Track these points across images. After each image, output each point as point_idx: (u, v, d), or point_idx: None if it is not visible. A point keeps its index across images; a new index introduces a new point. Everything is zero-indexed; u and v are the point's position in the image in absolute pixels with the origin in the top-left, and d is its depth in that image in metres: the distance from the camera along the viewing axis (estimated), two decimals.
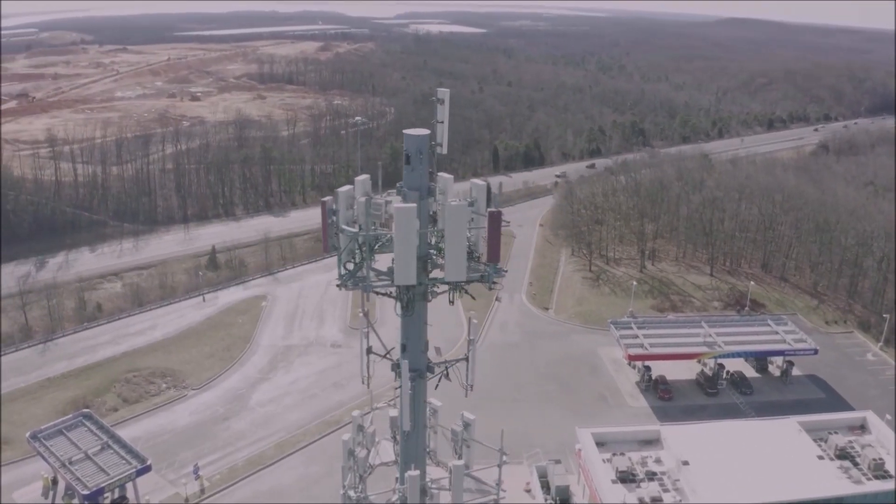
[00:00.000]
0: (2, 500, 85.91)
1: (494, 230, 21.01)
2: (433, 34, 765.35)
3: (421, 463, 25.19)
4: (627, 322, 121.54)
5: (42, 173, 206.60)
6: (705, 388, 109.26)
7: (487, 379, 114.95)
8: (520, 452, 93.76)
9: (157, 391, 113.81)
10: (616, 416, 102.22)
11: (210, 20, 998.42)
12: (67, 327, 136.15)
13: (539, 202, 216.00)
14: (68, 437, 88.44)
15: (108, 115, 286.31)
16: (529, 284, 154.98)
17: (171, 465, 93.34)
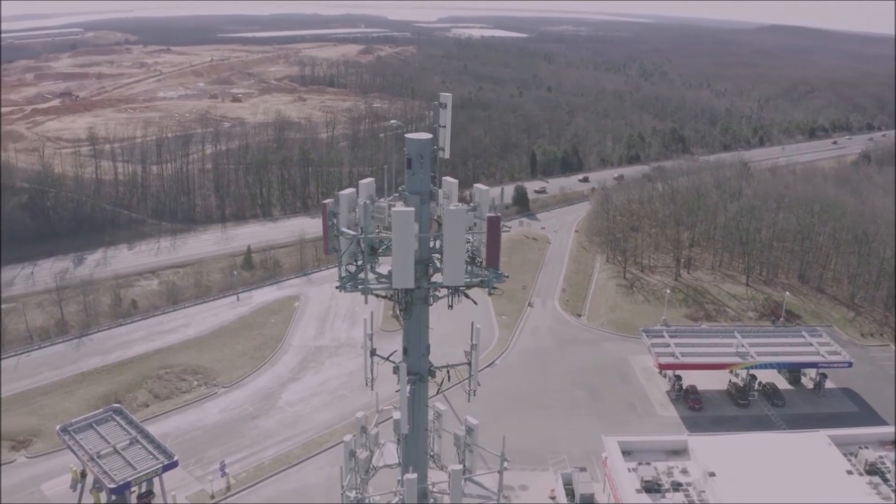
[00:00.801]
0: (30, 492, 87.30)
1: (494, 235, 20.97)
2: (475, 38, 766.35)
3: (422, 466, 25.15)
4: (659, 330, 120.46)
5: (83, 171, 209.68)
6: (736, 398, 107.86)
7: (517, 384, 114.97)
8: (546, 459, 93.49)
9: (188, 388, 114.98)
10: (645, 425, 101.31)
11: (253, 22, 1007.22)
12: (102, 323, 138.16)
13: (575, 208, 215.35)
14: (98, 430, 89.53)
15: (149, 115, 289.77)
16: (562, 290, 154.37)
17: (198, 461, 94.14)
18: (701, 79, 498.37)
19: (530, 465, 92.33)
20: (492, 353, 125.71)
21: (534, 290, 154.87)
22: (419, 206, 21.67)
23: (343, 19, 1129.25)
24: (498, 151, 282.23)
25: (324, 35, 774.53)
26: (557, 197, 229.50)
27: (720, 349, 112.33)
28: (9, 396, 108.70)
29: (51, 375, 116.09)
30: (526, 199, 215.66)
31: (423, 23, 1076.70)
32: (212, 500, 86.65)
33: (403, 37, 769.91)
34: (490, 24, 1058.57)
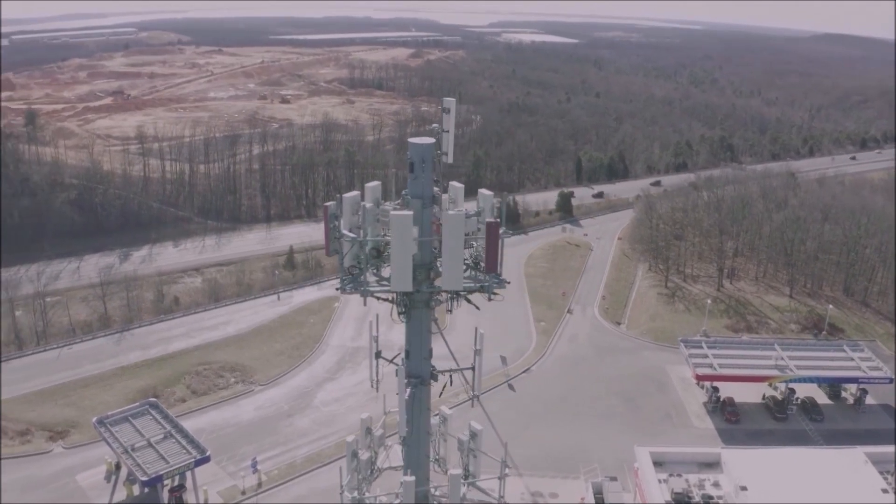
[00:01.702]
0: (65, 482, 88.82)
1: (493, 240, 20.89)
2: (525, 43, 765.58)
3: (423, 469, 25.07)
4: (698, 341, 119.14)
5: (131, 169, 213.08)
6: (774, 412, 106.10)
7: (552, 391, 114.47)
8: (577, 467, 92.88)
9: (225, 385, 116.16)
10: (680, 436, 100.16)
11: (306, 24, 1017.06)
12: (145, 319, 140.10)
13: (620, 215, 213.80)
14: (133, 424, 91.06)
15: (199, 115, 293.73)
16: (602, 298, 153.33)
17: (231, 457, 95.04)
18: (752, 87, 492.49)
19: (562, 473, 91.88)
20: (528, 359, 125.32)
21: (574, 297, 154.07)
22: (420, 210, 21.63)
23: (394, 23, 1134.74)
24: (544, 157, 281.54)
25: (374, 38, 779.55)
26: (602, 203, 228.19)
27: (759, 361, 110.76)
28: (49, 388, 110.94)
29: (91, 368, 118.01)
30: (570, 204, 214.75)
31: (473, 27, 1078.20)
32: (243, 496, 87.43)
33: (453, 41, 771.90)
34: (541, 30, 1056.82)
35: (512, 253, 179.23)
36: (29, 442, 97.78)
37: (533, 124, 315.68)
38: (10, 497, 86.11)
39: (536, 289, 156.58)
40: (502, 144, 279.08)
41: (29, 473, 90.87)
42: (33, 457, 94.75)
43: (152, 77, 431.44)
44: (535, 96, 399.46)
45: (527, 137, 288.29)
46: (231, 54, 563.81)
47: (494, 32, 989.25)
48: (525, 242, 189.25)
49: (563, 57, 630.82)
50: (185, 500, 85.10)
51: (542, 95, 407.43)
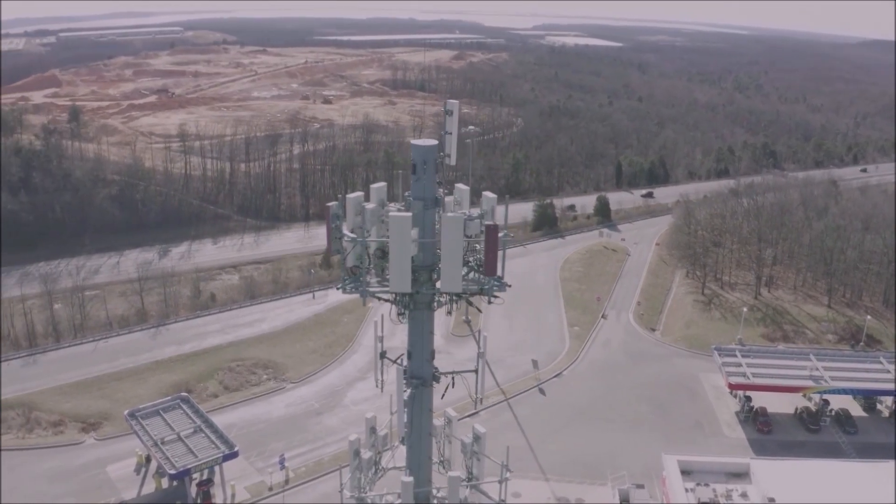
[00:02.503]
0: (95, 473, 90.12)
1: (492, 243, 20.83)
2: (568, 46, 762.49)
3: (424, 471, 25.07)
4: (732, 349, 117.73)
5: (172, 166, 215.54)
6: (807, 423, 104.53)
7: (583, 396, 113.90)
8: (605, 473, 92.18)
9: (257, 381, 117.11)
10: (710, 446, 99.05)
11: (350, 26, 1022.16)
12: (181, 314, 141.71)
13: (658, 220, 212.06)
14: (164, 417, 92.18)
15: (241, 114, 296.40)
16: (637, 304, 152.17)
17: (260, 453, 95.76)
18: (797, 93, 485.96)
19: (589, 478, 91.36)
20: (560, 364, 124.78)
21: (609, 302, 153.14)
22: (422, 212, 21.64)
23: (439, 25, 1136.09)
24: (584, 161, 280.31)
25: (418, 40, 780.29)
26: (641, 208, 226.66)
27: (793, 371, 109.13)
28: (84, 380, 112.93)
29: (126, 362, 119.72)
30: (608, 209, 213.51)
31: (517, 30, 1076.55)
32: (270, 492, 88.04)
33: (497, 43, 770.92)
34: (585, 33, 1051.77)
35: (548, 257, 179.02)
36: (62, 433, 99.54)
37: (574, 128, 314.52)
38: (40, 486, 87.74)
39: (571, 293, 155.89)
40: (542, 148, 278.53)
41: (60, 463, 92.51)
42: (65, 447, 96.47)
43: (197, 76, 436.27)
44: (576, 100, 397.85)
45: (567, 141, 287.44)
46: (275, 54, 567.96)
47: (538, 35, 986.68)
48: (562, 246, 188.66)
49: (607, 60, 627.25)
50: (213, 495, 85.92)
51: (584, 99, 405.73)
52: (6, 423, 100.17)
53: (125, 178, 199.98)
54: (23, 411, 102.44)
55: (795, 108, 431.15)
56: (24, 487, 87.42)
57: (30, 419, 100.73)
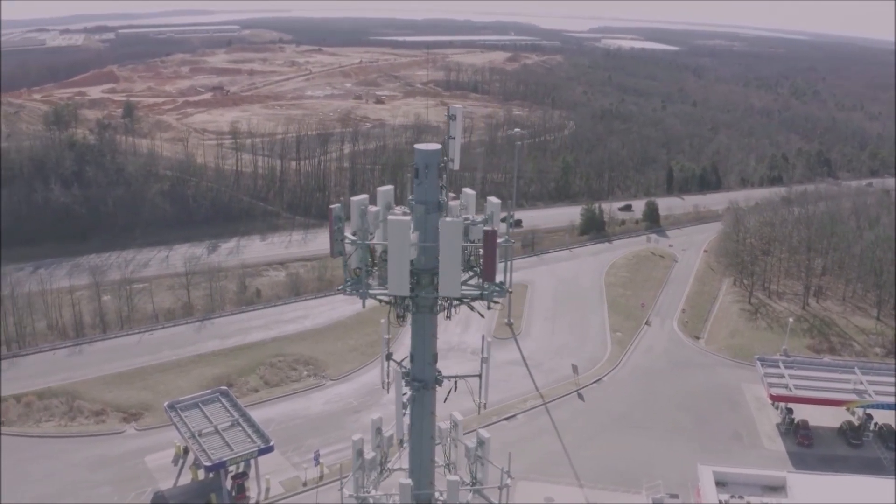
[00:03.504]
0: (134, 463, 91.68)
1: (490, 249, 20.83)
2: (624, 49, 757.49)
3: (427, 474, 25.11)
4: (775, 360, 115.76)
5: (224, 162, 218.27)
6: (849, 438, 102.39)
7: (622, 403, 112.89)
8: (640, 481, 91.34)
9: (297, 377, 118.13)
10: (749, 457, 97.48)
11: (407, 26, 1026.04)
12: (226, 309, 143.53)
13: (708, 227, 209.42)
14: (203, 410, 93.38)
15: (294, 113, 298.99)
16: (682, 311, 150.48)
17: (297, 448, 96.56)
18: (854, 100, 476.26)
19: (623, 486, 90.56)
20: (601, 370, 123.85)
21: (653, 309, 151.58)
22: (423, 216, 21.68)
23: (494, 26, 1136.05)
24: (635, 165, 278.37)
25: (473, 41, 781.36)
26: (690, 214, 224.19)
27: (837, 384, 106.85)
28: (128, 371, 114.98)
29: (170, 354, 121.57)
30: (657, 214, 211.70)
31: (573, 32, 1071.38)
32: (304, 487, 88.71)
33: (552, 45, 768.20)
34: (641, 36, 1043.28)
35: (594, 261, 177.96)
36: (103, 422, 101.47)
37: (625, 132, 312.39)
38: (80, 473, 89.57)
39: (616, 298, 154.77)
40: (593, 151, 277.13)
41: (100, 452, 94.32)
42: (106, 436, 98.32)
43: (252, 74, 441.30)
44: (629, 103, 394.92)
45: (619, 145, 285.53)
46: (330, 54, 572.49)
47: (594, 38, 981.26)
48: (608, 251, 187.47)
49: (662, 64, 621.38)
50: (247, 488, 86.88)
51: (637, 103, 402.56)
52: (49, 410, 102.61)
53: (177, 174, 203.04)
54: (66, 399, 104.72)
55: (852, 115, 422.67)
56: (64, 474, 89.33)
57: (73, 407, 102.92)
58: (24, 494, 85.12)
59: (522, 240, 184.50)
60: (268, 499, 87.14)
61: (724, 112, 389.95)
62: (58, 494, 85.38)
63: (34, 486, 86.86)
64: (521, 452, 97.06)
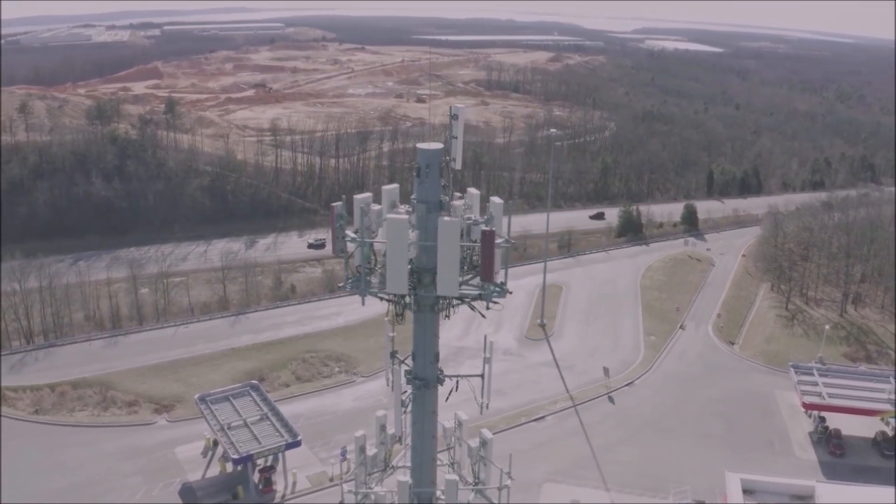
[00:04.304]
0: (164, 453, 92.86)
1: (488, 249, 20.79)
2: (667, 51, 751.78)
3: (428, 473, 25.19)
4: (809, 367, 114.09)
5: (263, 159, 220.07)
6: (882, 448, 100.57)
7: (653, 407, 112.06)
8: (668, 487, 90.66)
9: (328, 373, 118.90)
10: (779, 466, 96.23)
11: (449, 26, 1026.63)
12: (261, 304, 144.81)
13: (747, 231, 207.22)
14: (233, 403, 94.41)
15: (335, 111, 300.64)
16: (717, 316, 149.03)
17: (325, 444, 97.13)
18: None
19: (650, 491, 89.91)
20: (633, 373, 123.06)
21: (688, 313, 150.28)
22: (424, 215, 21.75)
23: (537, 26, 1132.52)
24: (675, 168, 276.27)
25: (515, 41, 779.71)
26: (729, 218, 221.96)
27: (871, 394, 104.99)
28: (162, 363, 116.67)
29: (203, 348, 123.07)
30: (695, 218, 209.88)
31: (617, 33, 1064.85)
32: (330, 482, 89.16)
33: (595, 46, 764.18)
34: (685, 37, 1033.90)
35: (630, 264, 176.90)
36: (136, 413, 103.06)
37: (666, 134, 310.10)
38: (110, 463, 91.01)
39: (651, 302, 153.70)
40: (633, 153, 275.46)
41: (132, 442, 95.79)
42: (138, 426, 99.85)
43: (294, 72, 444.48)
44: (671, 105, 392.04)
45: (659, 147, 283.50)
46: (373, 52, 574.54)
47: (638, 39, 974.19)
48: (645, 254, 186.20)
49: (706, 66, 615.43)
50: (274, 482, 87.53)
51: (679, 104, 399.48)
52: (83, 400, 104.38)
53: (217, 170, 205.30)
54: (100, 389, 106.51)
55: None
56: (94, 463, 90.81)
57: (106, 398, 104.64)
58: (55, 482, 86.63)
59: (559, 241, 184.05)
60: (294, 493, 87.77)
61: (767, 115, 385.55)
62: (87, 483, 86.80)
63: (65, 475, 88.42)
64: (548, 454, 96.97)
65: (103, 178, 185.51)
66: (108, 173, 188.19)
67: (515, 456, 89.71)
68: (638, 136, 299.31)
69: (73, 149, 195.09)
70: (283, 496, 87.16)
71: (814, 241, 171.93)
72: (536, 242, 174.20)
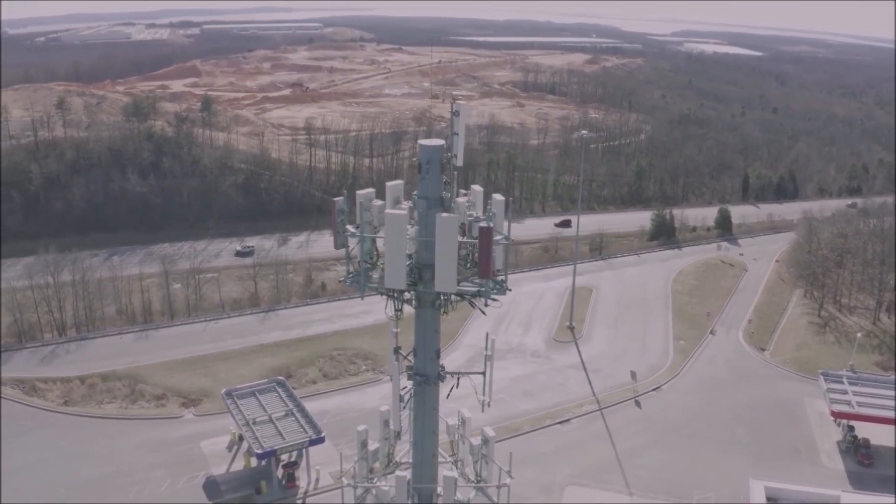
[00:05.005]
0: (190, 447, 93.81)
1: (486, 246, 20.87)
2: (706, 54, 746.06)
3: (429, 469, 25.34)
4: (839, 375, 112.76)
5: (298, 158, 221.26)
6: None
7: (680, 412, 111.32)
8: (691, 493, 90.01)
9: (355, 371, 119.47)
10: (805, 474, 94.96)
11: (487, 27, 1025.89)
12: (291, 301, 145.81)
13: (782, 237, 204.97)
14: (259, 399, 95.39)
15: (370, 111, 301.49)
16: (749, 322, 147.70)
17: (350, 441, 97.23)
18: None
19: (674, 497, 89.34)
20: (661, 377, 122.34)
21: (719, 318, 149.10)
22: (426, 211, 21.87)
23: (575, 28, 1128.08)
24: (710, 171, 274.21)
25: (553, 43, 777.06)
26: (764, 223, 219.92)
27: None
28: (191, 357, 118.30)
29: (233, 343, 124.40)
30: (729, 222, 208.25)
31: (655, 35, 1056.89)
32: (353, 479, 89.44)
33: (633, 48, 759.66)
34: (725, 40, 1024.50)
35: (661, 268, 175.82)
36: (163, 406, 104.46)
37: (702, 137, 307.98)
38: (136, 455, 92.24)
39: (681, 306, 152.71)
40: (668, 156, 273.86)
41: (158, 435, 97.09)
42: (165, 420, 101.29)
43: (331, 71, 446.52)
44: (708, 108, 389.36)
45: (695, 151, 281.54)
46: (410, 53, 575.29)
47: (676, 42, 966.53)
48: (677, 258, 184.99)
49: (745, 70, 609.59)
50: (297, 478, 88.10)
51: (716, 108, 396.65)
52: (112, 392, 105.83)
53: (251, 168, 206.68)
54: (129, 382, 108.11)
55: None
56: (121, 455, 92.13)
57: (135, 391, 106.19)
58: (81, 472, 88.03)
59: (590, 243, 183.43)
60: (317, 489, 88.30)
61: (805, 120, 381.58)
62: (113, 474, 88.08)
63: (90, 466, 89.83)
64: (572, 457, 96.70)
65: (139, 174, 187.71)
66: (143, 170, 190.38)
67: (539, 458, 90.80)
68: (674, 140, 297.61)
69: (109, 145, 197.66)
70: (306, 492, 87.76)
71: (848, 247, 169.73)
72: (567, 244, 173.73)
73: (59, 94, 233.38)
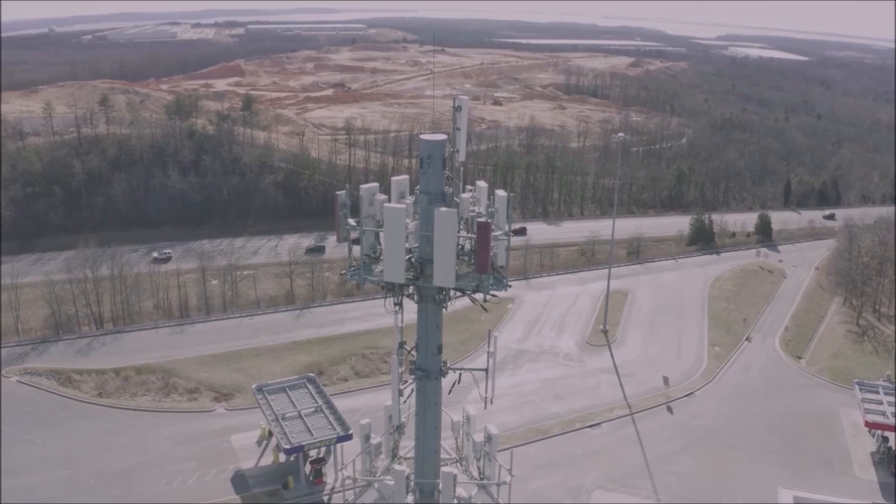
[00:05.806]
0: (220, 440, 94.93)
1: (483, 241, 20.93)
2: (751, 58, 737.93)
3: (431, 464, 25.49)
4: (875, 385, 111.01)
5: (337, 157, 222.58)
6: None
7: (711, 419, 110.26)
8: (720, 501, 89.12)
9: (387, 370, 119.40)
10: (837, 486, 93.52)
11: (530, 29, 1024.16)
12: (326, 299, 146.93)
13: (822, 244, 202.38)
14: (289, 395, 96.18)
15: (410, 111, 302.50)
16: (785, 329, 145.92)
17: None
18: None
19: None
20: (694, 383, 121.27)
21: (755, 325, 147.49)
22: (427, 206, 22.04)
23: (619, 31, 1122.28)
24: (752, 177, 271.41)
25: (596, 46, 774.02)
26: (805, 230, 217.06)
27: None
28: (224, 352, 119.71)
29: (266, 340, 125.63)
30: (769, 228, 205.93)
31: (700, 39, 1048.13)
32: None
33: (677, 52, 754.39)
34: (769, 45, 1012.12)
35: (699, 273, 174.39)
36: (195, 400, 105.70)
37: (744, 142, 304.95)
38: (166, 447, 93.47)
39: (718, 312, 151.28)
40: (710, 161, 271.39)
41: (189, 428, 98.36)
42: (197, 413, 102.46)
43: (374, 72, 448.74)
44: (751, 113, 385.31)
45: (736, 155, 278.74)
46: (453, 54, 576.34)
47: (721, 45, 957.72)
48: (715, 263, 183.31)
49: (790, 74, 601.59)
50: (325, 474, 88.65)
51: (759, 113, 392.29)
52: (145, 385, 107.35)
53: (291, 167, 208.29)
54: (163, 376, 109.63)
55: None
56: (152, 447, 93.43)
57: (168, 384, 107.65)
58: (110, 464, 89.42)
59: (628, 247, 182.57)
60: (344, 486, 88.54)
61: (850, 126, 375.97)
62: (143, 465, 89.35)
63: (121, 457, 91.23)
64: (601, 461, 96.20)
65: (180, 171, 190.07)
66: (184, 167, 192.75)
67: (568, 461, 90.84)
68: (715, 144, 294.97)
69: (151, 142, 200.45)
70: (333, 488, 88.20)
71: (889, 255, 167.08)
72: (604, 248, 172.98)
73: (103, 91, 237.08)
